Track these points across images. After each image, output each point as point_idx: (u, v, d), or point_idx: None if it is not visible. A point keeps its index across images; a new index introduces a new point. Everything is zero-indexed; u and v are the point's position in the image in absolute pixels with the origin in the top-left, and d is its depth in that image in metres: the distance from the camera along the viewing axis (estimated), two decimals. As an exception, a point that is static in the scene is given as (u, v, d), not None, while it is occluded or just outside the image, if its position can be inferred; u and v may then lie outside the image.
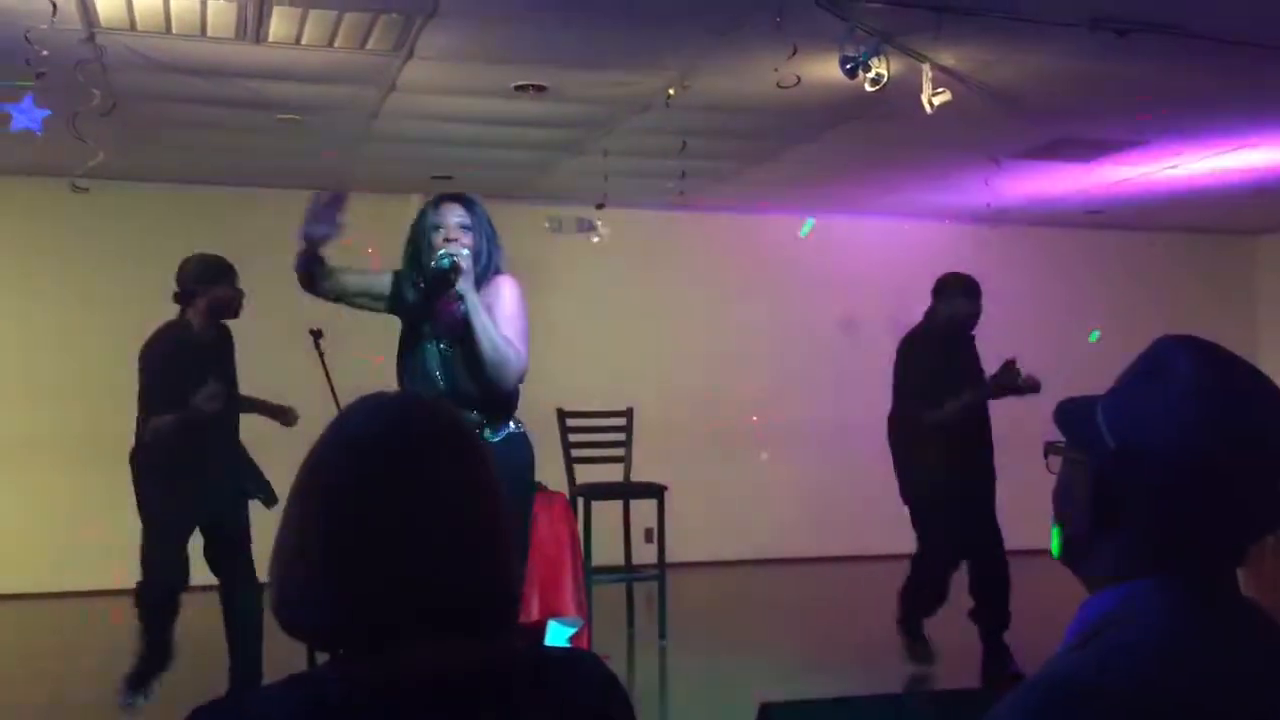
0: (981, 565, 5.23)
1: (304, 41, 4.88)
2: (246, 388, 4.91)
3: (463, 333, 3.55)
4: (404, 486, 1.08)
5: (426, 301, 3.65)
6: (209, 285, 4.68)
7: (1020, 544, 7.70)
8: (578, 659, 1.17)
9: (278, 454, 4.66)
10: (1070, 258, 9.39)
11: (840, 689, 5.01)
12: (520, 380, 3.57)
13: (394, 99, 5.76)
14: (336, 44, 4.91)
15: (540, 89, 5.58)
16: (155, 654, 4.56)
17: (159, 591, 4.54)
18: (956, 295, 5.39)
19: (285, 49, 4.96)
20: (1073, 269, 9.38)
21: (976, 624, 5.22)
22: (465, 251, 3.53)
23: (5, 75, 4.72)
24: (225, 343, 4.79)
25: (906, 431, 5.36)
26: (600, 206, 7.31)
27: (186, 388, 4.47)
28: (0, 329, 7.16)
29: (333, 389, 4.77)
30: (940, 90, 4.81)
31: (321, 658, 1.12)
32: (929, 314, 5.48)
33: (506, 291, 3.64)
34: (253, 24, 4.67)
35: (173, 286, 4.78)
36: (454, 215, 3.64)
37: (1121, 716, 1.05)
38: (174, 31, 4.76)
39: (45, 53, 4.36)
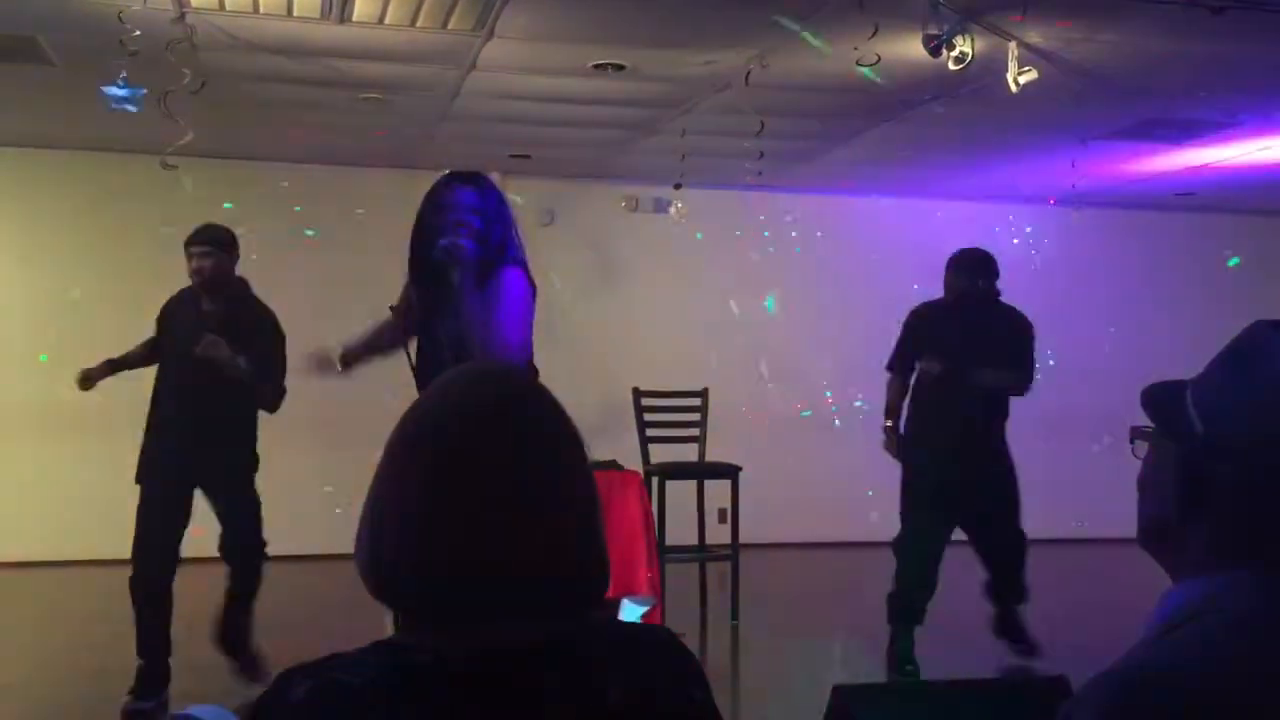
0: (987, 548, 5.17)
1: (387, 21, 4.93)
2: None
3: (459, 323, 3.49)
4: (506, 458, 1.10)
5: (426, 284, 3.58)
6: (187, 252, 4.57)
7: (1094, 532, 7.60)
8: (656, 635, 1.18)
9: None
10: (1158, 241, 9.17)
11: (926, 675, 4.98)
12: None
13: (474, 78, 5.80)
14: (419, 23, 4.95)
15: (619, 68, 5.58)
16: (149, 641, 4.42)
17: (145, 561, 4.44)
18: (958, 271, 5.21)
19: (368, 28, 5.02)
20: (1161, 252, 9.16)
21: (988, 598, 5.22)
22: (464, 244, 3.44)
23: (100, 54, 4.84)
24: (235, 320, 4.53)
25: (909, 411, 5.31)
26: (678, 186, 7.30)
27: (170, 346, 4.55)
28: (90, 298, 7.37)
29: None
30: (1026, 69, 4.72)
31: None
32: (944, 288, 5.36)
33: (511, 286, 3.51)
34: (337, 4, 4.74)
35: (258, 259, 4.80)
36: (463, 196, 3.52)
37: (1204, 710, 1.03)
38: (262, 11, 4.85)
39: (138, 32, 4.46)
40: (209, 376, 4.40)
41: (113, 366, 4.70)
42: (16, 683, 4.87)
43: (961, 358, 5.04)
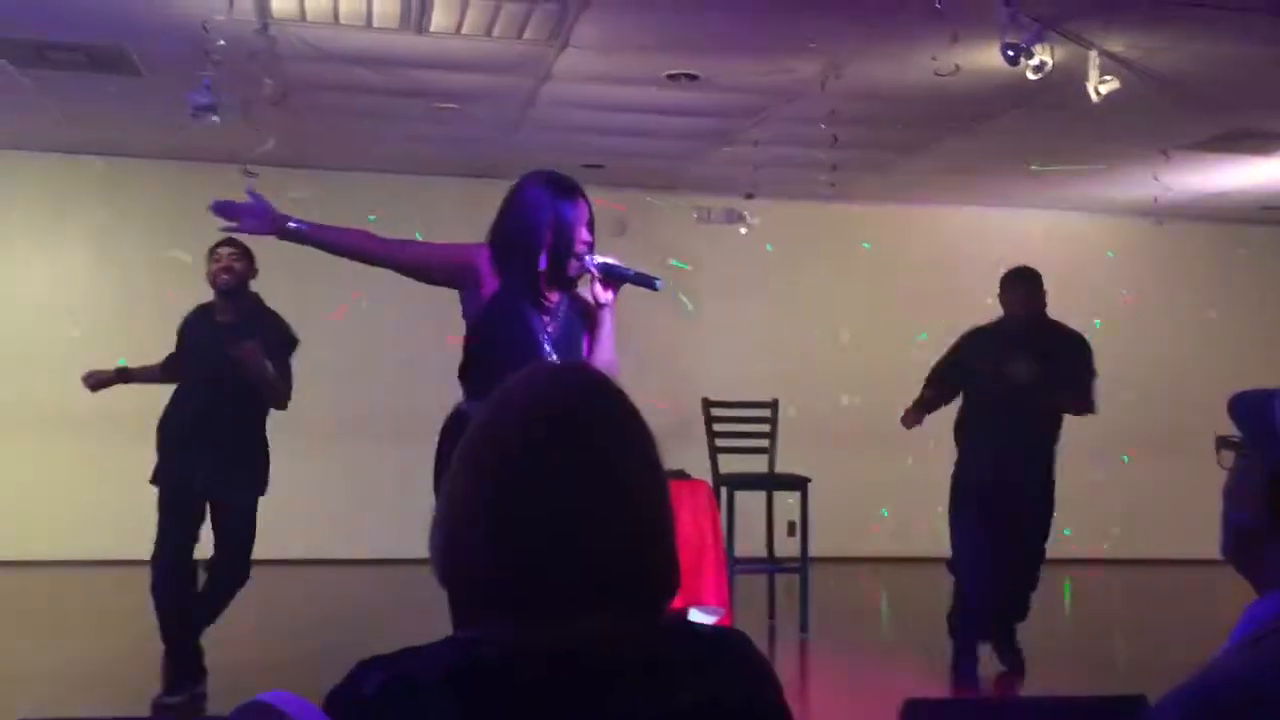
0: (1013, 571, 5.10)
1: (464, 31, 4.99)
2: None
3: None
4: (579, 456, 1.10)
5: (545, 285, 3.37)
6: (208, 263, 4.72)
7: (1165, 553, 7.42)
8: (729, 638, 1.17)
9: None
10: (1242, 254, 8.95)
11: (985, 690, 4.91)
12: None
13: (548, 88, 5.84)
14: (495, 33, 5.00)
15: (692, 78, 5.58)
16: (170, 636, 4.53)
17: (161, 566, 4.57)
18: (1002, 290, 5.22)
19: (446, 38, 5.08)
20: (1245, 266, 8.94)
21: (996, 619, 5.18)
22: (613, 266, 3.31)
23: (185, 64, 4.96)
24: (247, 325, 4.61)
25: (955, 430, 5.30)
26: (749, 197, 7.27)
27: (191, 360, 4.67)
28: (170, 304, 7.54)
29: None
30: (1107, 78, 4.64)
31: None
32: None
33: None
34: (416, 14, 4.80)
35: (328, 269, 4.86)
36: (585, 211, 3.34)
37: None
38: (342, 21, 4.93)
39: (222, 42, 4.56)
40: (227, 393, 4.56)
41: (122, 377, 4.88)
42: (40, 675, 4.93)
43: (1017, 377, 4.97)
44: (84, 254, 7.88)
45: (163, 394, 4.79)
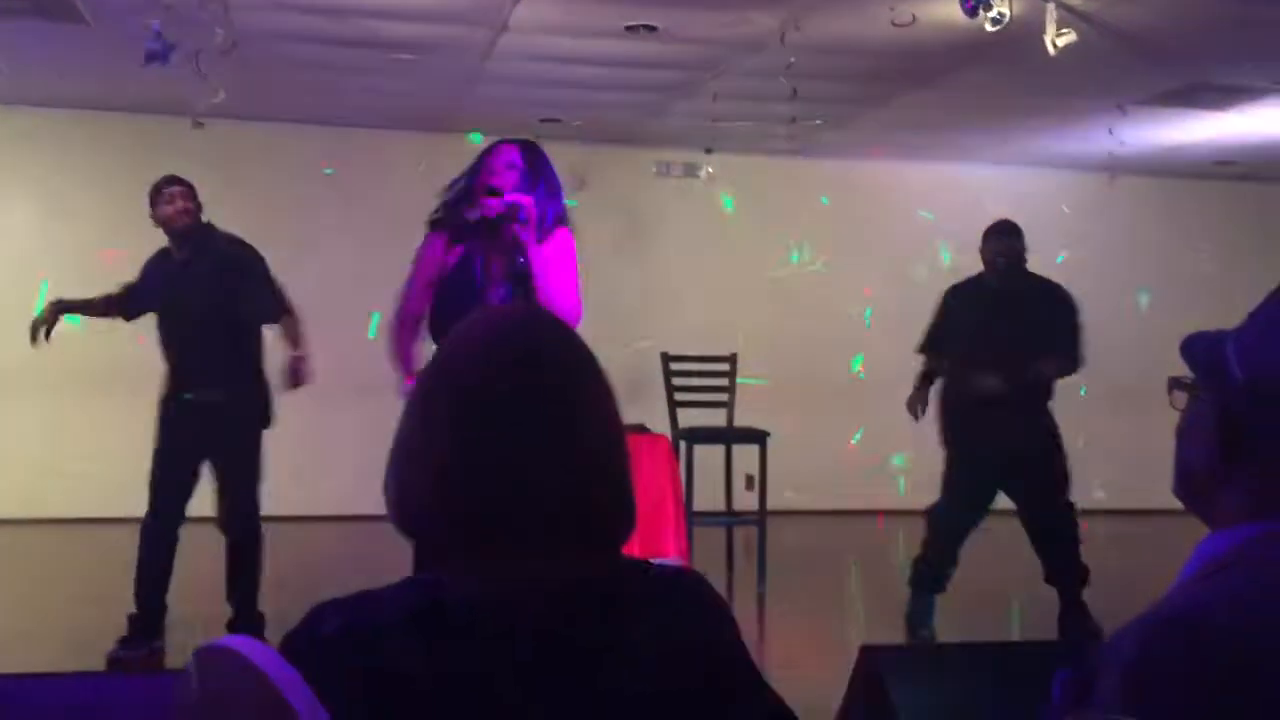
0: (1033, 528, 5.06)
1: (419, -21, 4.91)
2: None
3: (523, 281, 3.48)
4: (532, 395, 1.10)
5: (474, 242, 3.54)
6: (151, 203, 4.58)
7: (1119, 504, 7.54)
8: (685, 577, 1.18)
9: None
10: (1197, 210, 9.05)
11: (941, 639, 4.98)
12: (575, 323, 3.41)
13: (505, 39, 5.78)
14: (450, -18, 4.93)
15: (651, 29, 5.54)
16: (146, 590, 4.46)
17: (153, 528, 4.51)
18: (984, 240, 5.16)
19: (400, -13, 5.00)
20: (1199, 221, 9.04)
21: (1054, 585, 5.05)
22: (522, 202, 3.44)
23: (133, 12, 4.85)
24: (207, 264, 4.52)
25: (945, 381, 5.22)
26: (709, 151, 7.26)
27: (150, 302, 4.60)
28: (120, 260, 7.42)
29: None
30: (1065, 30, 4.65)
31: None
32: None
33: (562, 245, 3.53)
34: (369, -38, 4.72)
35: (282, 222, 4.83)
36: (503, 158, 3.53)
37: (1233, 656, 1.02)
38: (293, -31, 4.84)
39: (172, -12, 4.46)
40: (199, 331, 4.46)
41: (58, 309, 4.64)
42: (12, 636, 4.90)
43: (1000, 340, 4.95)
44: (31, 208, 7.73)
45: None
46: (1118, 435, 7.89)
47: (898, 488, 8.30)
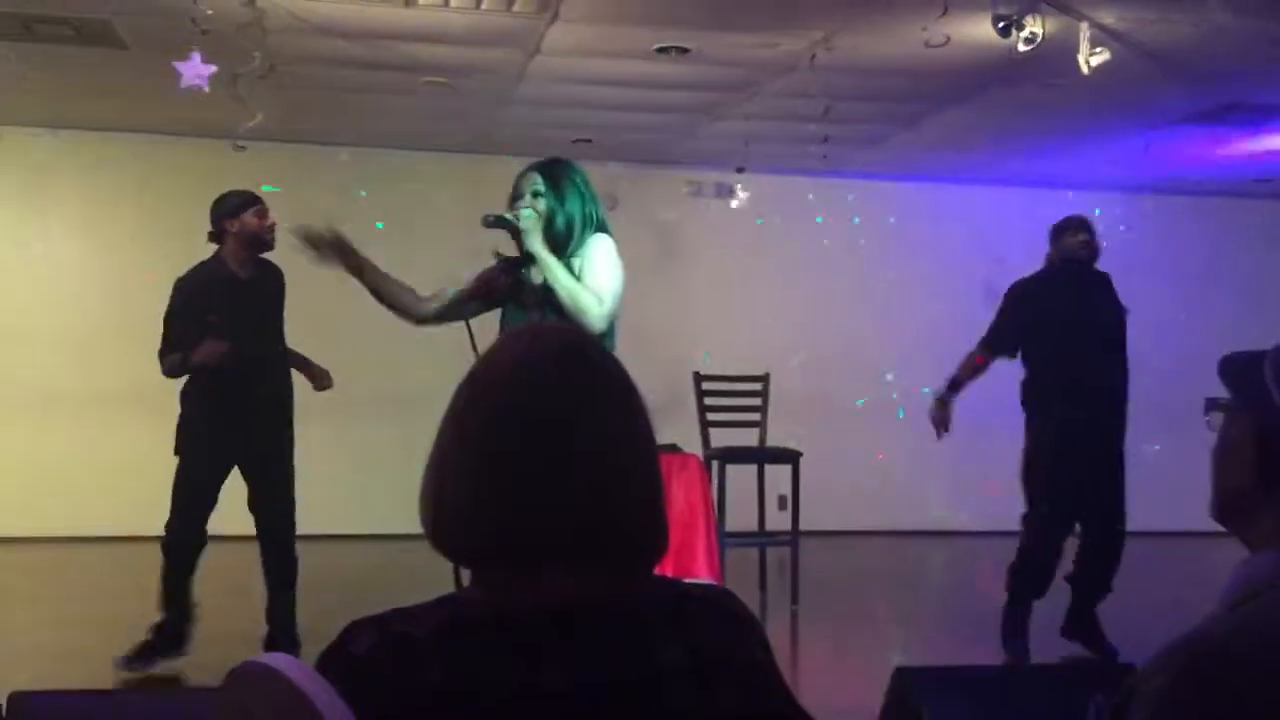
0: (1095, 533, 4.99)
1: (453, 4, 4.96)
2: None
3: (542, 295, 3.56)
4: (564, 412, 1.11)
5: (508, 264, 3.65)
6: (236, 215, 4.50)
7: (1153, 526, 7.45)
8: (716, 595, 1.18)
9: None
10: (1236, 228, 8.96)
11: (975, 660, 4.93)
12: (605, 327, 3.47)
13: (538, 62, 5.82)
14: (484, 6, 4.97)
15: (683, 51, 5.56)
16: (171, 607, 4.46)
17: (174, 538, 4.49)
18: (1059, 234, 5.07)
19: (434, 10, 5.05)
20: (1239, 240, 8.95)
21: (1071, 586, 5.00)
22: (528, 213, 3.49)
23: (173, 34, 4.92)
24: (270, 283, 4.63)
25: (1026, 388, 5.11)
26: (740, 171, 7.26)
27: (220, 324, 4.45)
28: (160, 281, 7.51)
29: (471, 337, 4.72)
30: (1098, 50, 4.63)
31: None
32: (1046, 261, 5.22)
33: (595, 249, 3.56)
34: (404, -14, 4.77)
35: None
36: (528, 183, 3.62)
37: (1271, 686, 1.01)
38: (329, -6, 4.89)
39: (210, 12, 4.53)
40: (260, 351, 4.51)
41: (169, 351, 4.53)
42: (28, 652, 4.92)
43: (1071, 332, 4.87)
44: (72, 230, 7.84)
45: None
46: (1154, 455, 7.81)
47: (929, 509, 8.25)
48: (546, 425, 1.10)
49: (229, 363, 4.39)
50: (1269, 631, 1.04)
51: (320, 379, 4.89)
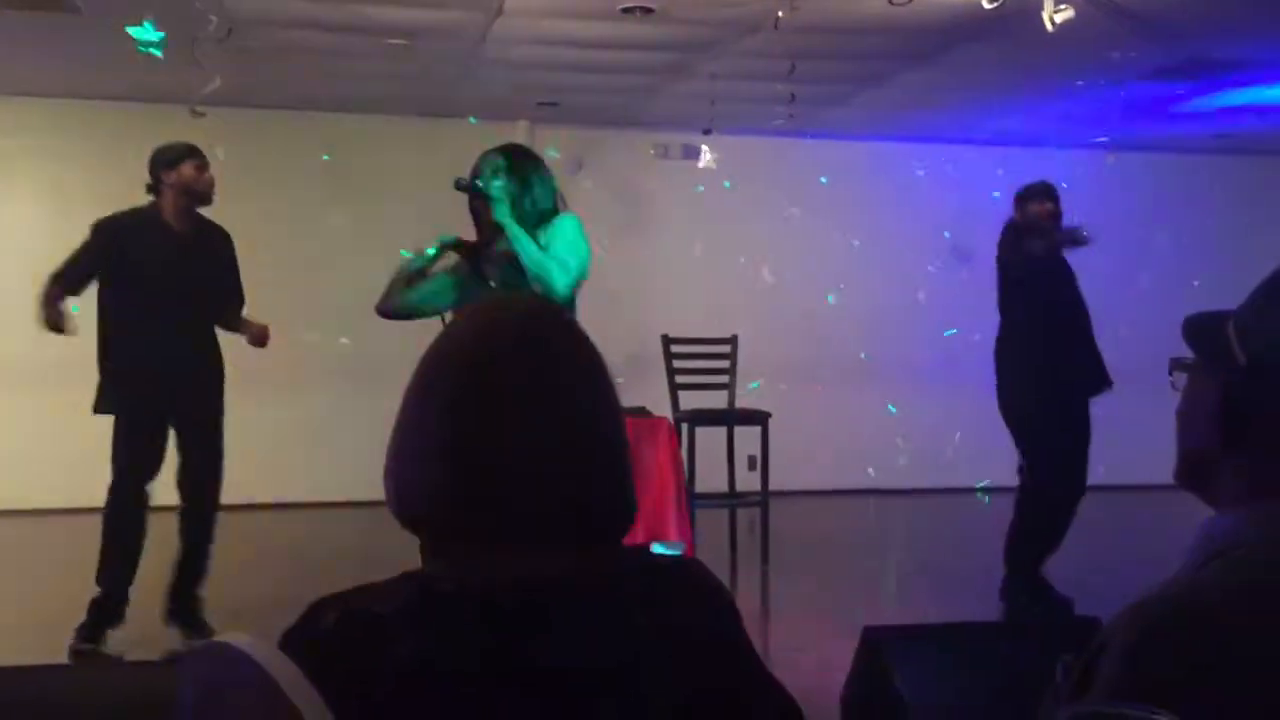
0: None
1: (413, -36, 4.88)
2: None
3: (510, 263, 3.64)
4: (531, 384, 1.10)
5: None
6: (174, 166, 4.35)
7: (1123, 479, 7.55)
8: (685, 566, 1.17)
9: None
10: (1198, 183, 9.02)
11: (945, 619, 4.98)
12: (569, 295, 3.59)
13: (501, 23, 5.74)
14: (445, -34, 4.90)
15: (647, 11, 5.50)
16: (114, 574, 4.32)
17: (121, 500, 4.33)
18: (1029, 201, 5.24)
19: (394, -28, 4.97)
20: (1200, 195, 9.01)
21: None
22: (499, 182, 3.64)
23: (126, 1, 4.82)
24: (211, 243, 4.49)
25: (1008, 345, 5.22)
26: (707, 132, 7.23)
27: (139, 271, 4.30)
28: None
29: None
30: (1062, 6, 4.62)
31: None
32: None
33: (562, 225, 3.74)
34: (363, -53, 4.69)
35: (287, 209, 4.78)
36: (489, 165, 3.77)
37: (1237, 639, 1.02)
38: (286, -45, 4.81)
39: (164, -24, 4.43)
40: (185, 304, 4.37)
41: (63, 288, 4.33)
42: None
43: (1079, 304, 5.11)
44: (30, 199, 7.71)
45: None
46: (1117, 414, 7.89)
47: (898, 466, 8.31)
48: (512, 397, 1.08)
49: (58, 330, 4.18)
50: (1232, 590, 1.05)
51: (258, 336, 4.64)
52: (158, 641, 4.39)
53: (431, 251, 3.72)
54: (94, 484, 4.53)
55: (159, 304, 4.35)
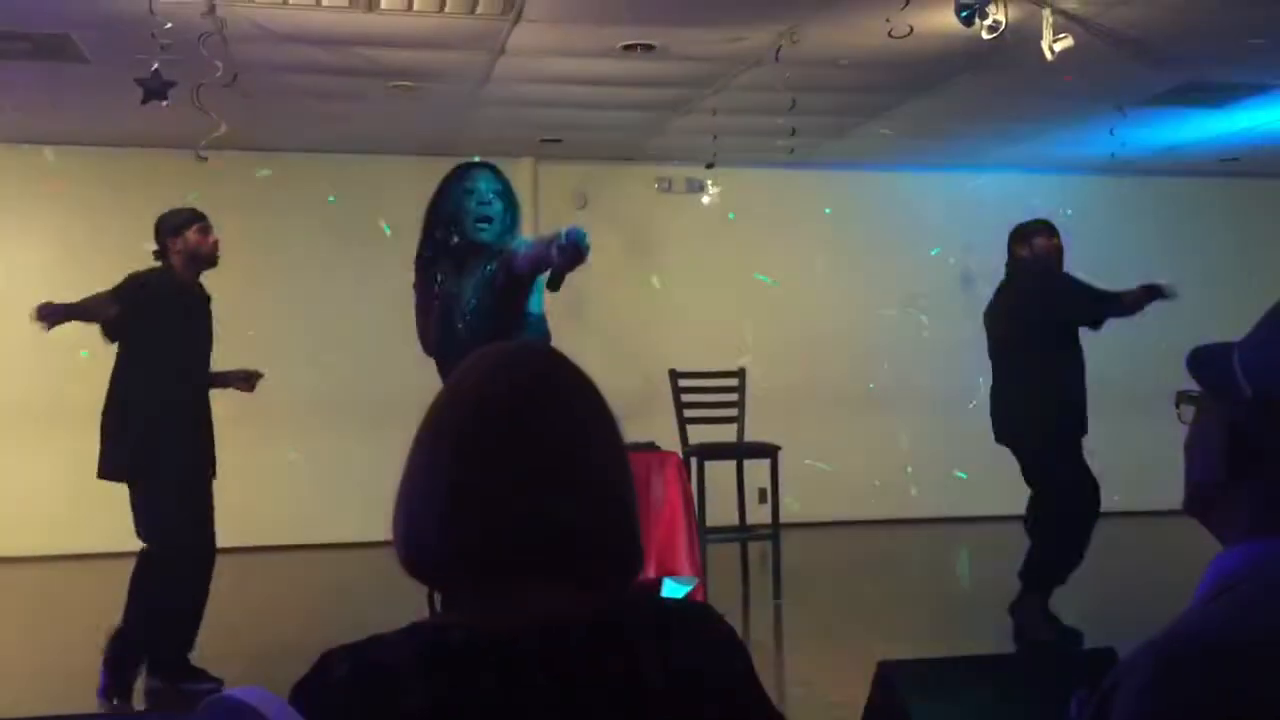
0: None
1: (415, 7, 4.93)
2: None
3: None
4: (535, 429, 1.10)
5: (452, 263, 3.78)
6: (179, 233, 4.47)
7: (1134, 506, 7.52)
8: (696, 611, 1.17)
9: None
10: (1202, 207, 9.02)
11: (958, 650, 4.95)
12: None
13: (503, 63, 5.79)
14: (447, 9, 4.95)
15: (648, 48, 5.55)
16: (166, 637, 4.33)
17: (182, 558, 4.36)
18: (1034, 237, 5.27)
19: (397, 15, 5.02)
20: (1205, 219, 9.01)
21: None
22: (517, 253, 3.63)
23: (133, 48, 4.88)
24: (208, 303, 4.65)
25: (1026, 376, 5.22)
26: (710, 166, 7.26)
27: (161, 330, 4.41)
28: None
29: None
30: (1062, 35, 4.65)
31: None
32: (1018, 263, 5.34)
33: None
34: (365, -9, 4.74)
35: (288, 251, 4.82)
36: (486, 181, 3.77)
37: (1253, 675, 1.01)
38: (291, 2, 4.86)
39: (169, 25, 4.48)
40: (205, 365, 4.57)
41: (69, 313, 4.42)
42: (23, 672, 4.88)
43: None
44: (38, 244, 7.76)
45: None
46: (1125, 440, 7.87)
47: (909, 496, 8.28)
48: (516, 442, 1.09)
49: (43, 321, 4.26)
50: (1244, 625, 1.05)
51: (248, 379, 4.74)
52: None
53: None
54: (101, 529, 4.55)
55: (195, 367, 4.55)
